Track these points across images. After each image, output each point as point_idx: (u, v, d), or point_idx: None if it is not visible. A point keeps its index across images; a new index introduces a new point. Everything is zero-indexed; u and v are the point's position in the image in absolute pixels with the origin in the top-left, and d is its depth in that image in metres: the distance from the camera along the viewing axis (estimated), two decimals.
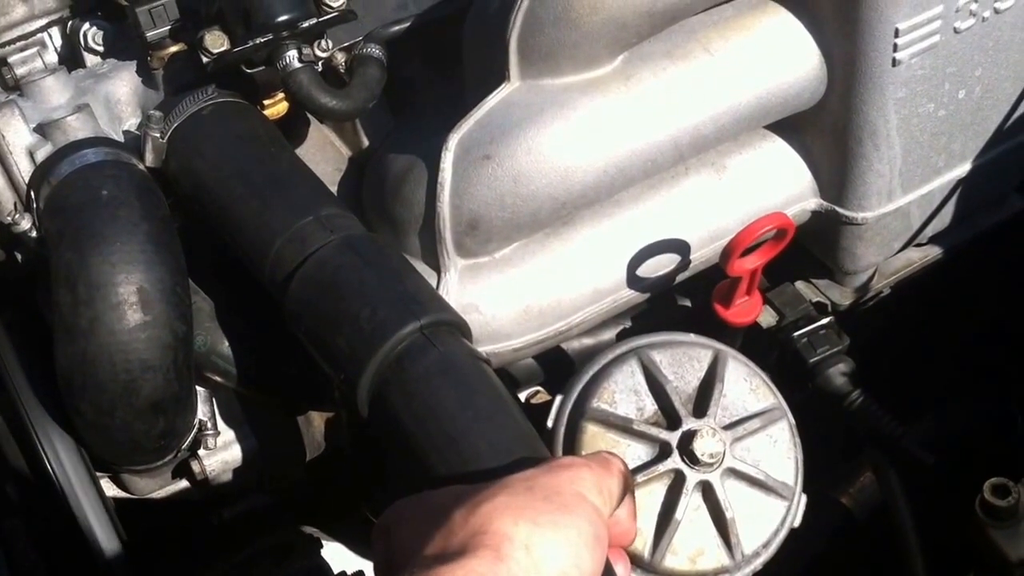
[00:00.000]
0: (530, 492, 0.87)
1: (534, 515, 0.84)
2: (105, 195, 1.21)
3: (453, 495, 0.89)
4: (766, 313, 1.39)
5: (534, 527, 0.83)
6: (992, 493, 1.24)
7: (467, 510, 0.85)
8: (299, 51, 1.26)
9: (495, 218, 1.23)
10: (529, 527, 0.83)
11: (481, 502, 0.85)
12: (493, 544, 0.82)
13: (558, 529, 0.84)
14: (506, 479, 0.90)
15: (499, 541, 0.82)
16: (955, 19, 1.24)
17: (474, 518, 0.84)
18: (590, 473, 0.91)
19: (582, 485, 0.89)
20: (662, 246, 1.31)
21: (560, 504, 0.86)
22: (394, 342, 1.06)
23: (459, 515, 0.85)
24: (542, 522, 0.84)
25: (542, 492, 0.87)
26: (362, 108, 1.32)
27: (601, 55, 1.22)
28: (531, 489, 0.87)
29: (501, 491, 0.87)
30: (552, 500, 0.86)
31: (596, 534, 0.87)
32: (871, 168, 1.32)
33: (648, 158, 1.25)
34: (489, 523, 0.83)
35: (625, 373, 1.18)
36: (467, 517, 0.84)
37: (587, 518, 0.87)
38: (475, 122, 1.23)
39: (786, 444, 1.17)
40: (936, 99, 1.30)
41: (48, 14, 1.38)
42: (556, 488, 0.88)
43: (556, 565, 0.83)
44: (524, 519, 0.84)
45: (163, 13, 1.30)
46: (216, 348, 1.32)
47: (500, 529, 0.83)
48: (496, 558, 0.81)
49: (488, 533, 0.82)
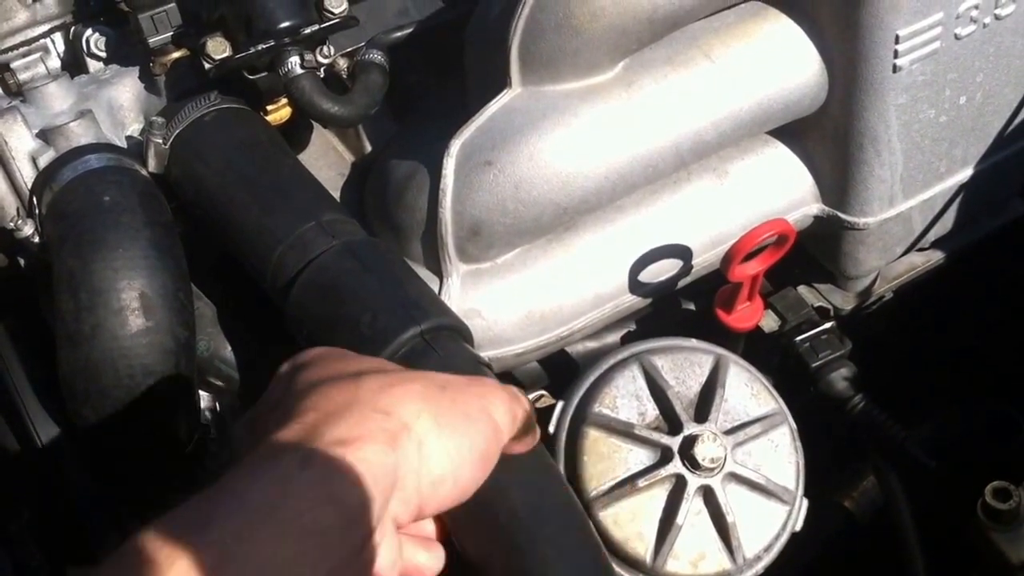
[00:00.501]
0: (442, 392, 0.86)
1: (437, 414, 0.83)
2: (107, 201, 1.21)
3: (375, 366, 0.88)
4: (768, 317, 1.39)
5: (433, 426, 0.83)
6: (994, 496, 1.24)
7: (380, 385, 0.83)
8: (301, 57, 1.27)
9: (497, 224, 1.23)
10: (429, 424, 0.82)
11: (396, 383, 0.84)
12: (392, 431, 0.80)
13: (454, 436, 0.84)
14: (427, 373, 0.89)
15: (398, 430, 0.81)
16: (956, 25, 1.24)
17: (384, 396, 0.83)
18: (505, 395, 0.90)
19: (492, 403, 0.88)
20: (664, 251, 1.31)
21: (465, 413, 0.86)
22: (395, 347, 1.07)
23: (371, 387, 0.83)
24: (442, 423, 0.83)
25: (453, 395, 0.86)
26: (364, 114, 1.32)
27: (602, 61, 1.22)
28: (444, 389, 0.86)
29: (418, 380, 0.86)
30: (459, 406, 0.86)
31: (486, 453, 0.86)
32: (872, 173, 1.32)
33: (650, 164, 1.25)
34: (395, 407, 0.82)
35: (627, 378, 1.18)
36: (378, 393, 0.83)
37: (484, 435, 0.86)
38: (477, 128, 1.23)
39: (787, 448, 1.17)
40: (937, 105, 1.30)
41: (51, 20, 1.39)
42: (467, 397, 0.87)
43: (438, 470, 0.82)
44: (427, 414, 0.83)
45: (165, 19, 1.30)
46: (219, 353, 1.32)
47: (403, 417, 0.82)
48: (390, 448, 0.80)
49: (391, 416, 0.81)
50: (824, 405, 1.37)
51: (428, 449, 0.82)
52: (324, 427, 0.79)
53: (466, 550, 0.99)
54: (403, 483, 0.80)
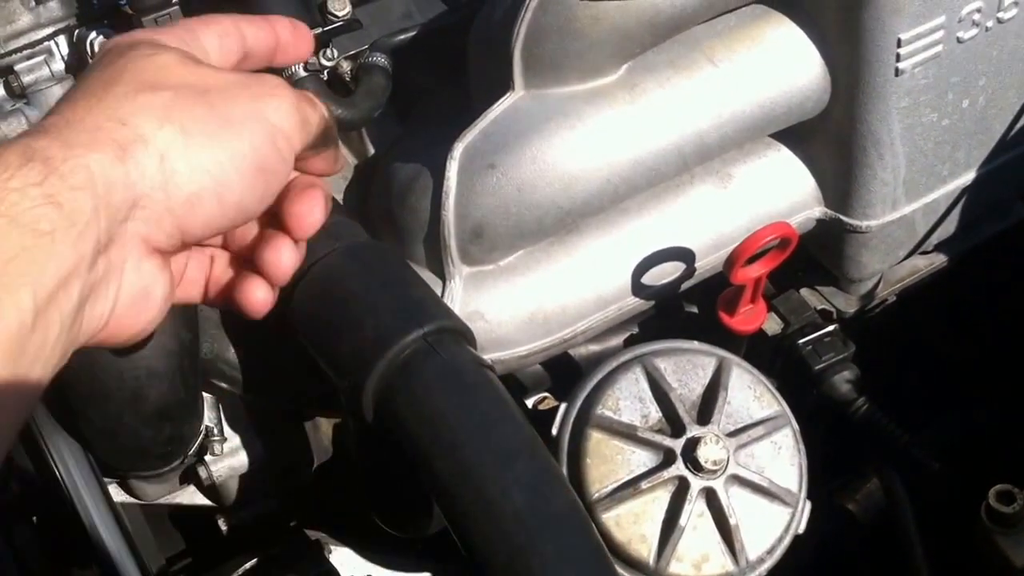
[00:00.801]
0: (200, 97, 0.74)
1: (187, 122, 0.72)
2: None
3: (171, 74, 0.75)
4: (771, 320, 1.39)
5: (179, 136, 0.72)
6: (997, 499, 1.24)
7: (127, 91, 0.72)
8: (304, 60, 1.27)
9: (500, 226, 1.24)
10: (172, 135, 0.72)
11: (145, 90, 0.73)
12: (121, 142, 0.70)
13: (209, 146, 0.73)
14: (195, 74, 0.76)
15: (130, 142, 0.70)
16: (958, 29, 1.24)
17: (127, 104, 0.72)
18: (289, 95, 0.78)
19: (269, 104, 0.77)
20: (667, 254, 1.31)
21: (225, 118, 0.74)
22: (398, 349, 1.07)
23: (117, 92, 0.73)
24: (193, 132, 0.72)
25: (212, 100, 0.75)
26: (367, 117, 1.32)
27: (605, 65, 1.22)
28: (204, 94, 0.74)
29: (172, 88, 0.74)
30: (218, 109, 0.74)
31: (261, 162, 0.76)
32: (875, 177, 1.32)
33: (652, 167, 1.25)
34: (133, 116, 0.71)
35: (630, 380, 1.18)
36: (121, 100, 0.72)
37: (254, 142, 0.75)
38: (480, 131, 1.23)
39: (790, 451, 1.17)
40: (940, 108, 1.30)
41: (55, 22, 1.39)
42: (231, 100, 0.75)
43: (190, 186, 0.72)
44: (173, 124, 0.72)
45: (169, 22, 1.30)
46: (222, 355, 1.32)
47: (139, 128, 0.71)
48: (118, 158, 0.70)
49: (127, 127, 0.71)
50: (827, 408, 1.37)
51: (173, 164, 0.71)
52: (63, 130, 0.70)
53: (469, 551, 0.99)
54: (146, 201, 0.71)
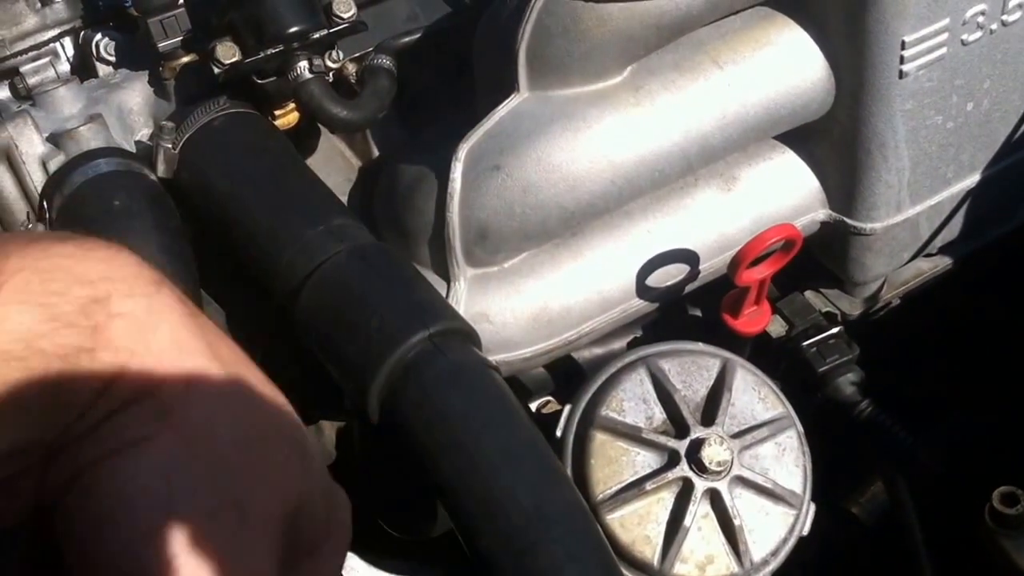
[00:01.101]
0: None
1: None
2: (117, 205, 1.21)
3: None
4: (775, 322, 1.39)
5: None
6: (1001, 501, 1.24)
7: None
8: (310, 62, 1.27)
9: (504, 228, 1.24)
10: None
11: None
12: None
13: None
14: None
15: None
16: (962, 32, 1.25)
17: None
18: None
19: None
20: (671, 256, 1.31)
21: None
22: (404, 351, 1.07)
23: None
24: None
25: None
26: (372, 118, 1.32)
27: (610, 67, 1.22)
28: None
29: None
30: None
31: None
32: (879, 179, 1.32)
33: (657, 169, 1.26)
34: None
35: (634, 381, 1.18)
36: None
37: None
38: (484, 132, 1.23)
39: (794, 453, 1.17)
40: (944, 111, 1.31)
41: (60, 24, 1.39)
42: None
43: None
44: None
45: (175, 24, 1.31)
46: None
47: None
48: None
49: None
50: (831, 410, 1.37)
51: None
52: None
53: (474, 552, 0.99)
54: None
